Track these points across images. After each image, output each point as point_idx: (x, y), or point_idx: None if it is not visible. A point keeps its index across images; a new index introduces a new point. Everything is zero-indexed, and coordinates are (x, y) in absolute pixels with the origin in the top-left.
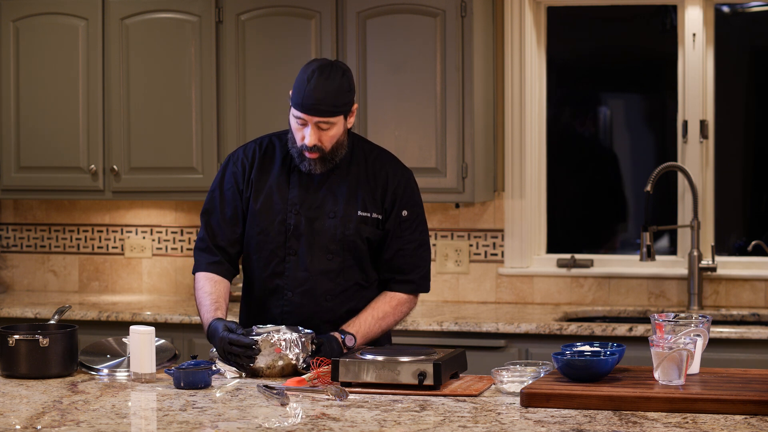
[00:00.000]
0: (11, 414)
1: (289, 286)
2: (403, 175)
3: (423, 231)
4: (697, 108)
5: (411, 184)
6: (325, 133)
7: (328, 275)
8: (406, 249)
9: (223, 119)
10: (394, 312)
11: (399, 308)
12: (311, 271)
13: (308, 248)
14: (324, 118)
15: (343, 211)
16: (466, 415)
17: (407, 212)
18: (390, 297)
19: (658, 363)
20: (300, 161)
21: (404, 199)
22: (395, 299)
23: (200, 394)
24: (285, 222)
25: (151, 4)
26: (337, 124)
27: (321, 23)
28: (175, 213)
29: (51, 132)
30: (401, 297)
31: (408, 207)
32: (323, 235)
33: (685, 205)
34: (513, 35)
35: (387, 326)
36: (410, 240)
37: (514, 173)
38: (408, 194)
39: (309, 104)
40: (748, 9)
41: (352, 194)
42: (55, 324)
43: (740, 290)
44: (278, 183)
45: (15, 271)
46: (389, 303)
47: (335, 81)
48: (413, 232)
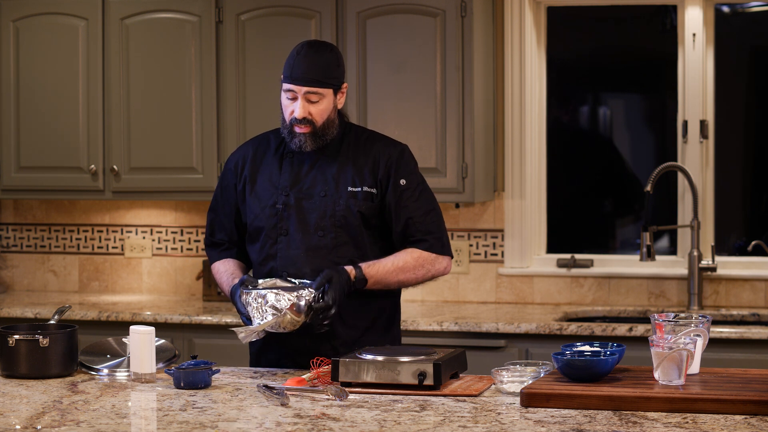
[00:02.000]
0: (11, 414)
1: (283, 266)
2: (396, 148)
3: (428, 199)
4: (697, 108)
5: (405, 156)
6: (314, 106)
7: (319, 252)
8: (415, 217)
9: (223, 119)
10: (415, 265)
11: (420, 263)
12: (302, 249)
13: (299, 226)
14: (313, 89)
15: (333, 189)
16: (466, 415)
17: (405, 181)
18: (411, 250)
19: (658, 363)
20: (291, 138)
21: (399, 169)
22: (416, 253)
23: (200, 394)
24: (275, 205)
25: (151, 4)
26: (326, 98)
27: (321, 23)
28: (175, 213)
29: (51, 132)
30: (423, 253)
31: (405, 176)
32: (313, 213)
33: (685, 205)
34: (513, 35)
35: (406, 279)
36: (416, 208)
37: (514, 173)
38: (403, 165)
39: (298, 75)
40: (748, 9)
41: (341, 172)
42: (55, 324)
43: (740, 290)
44: (270, 171)
45: (15, 271)
46: (411, 254)
47: (323, 54)
48: (417, 200)
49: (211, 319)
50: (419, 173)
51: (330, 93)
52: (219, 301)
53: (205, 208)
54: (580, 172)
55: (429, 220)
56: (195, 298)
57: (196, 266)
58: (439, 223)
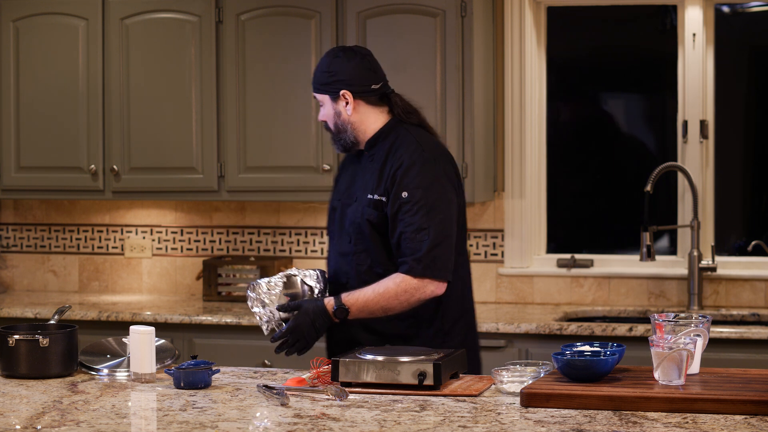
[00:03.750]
0: (11, 414)
1: (328, 267)
2: (410, 157)
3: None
4: (697, 108)
5: (417, 167)
6: (322, 110)
7: (345, 258)
8: (406, 233)
9: (223, 119)
10: (397, 292)
11: (403, 289)
12: (336, 252)
13: (337, 231)
14: (314, 93)
15: (361, 195)
16: (466, 415)
17: (407, 194)
18: (395, 276)
19: (658, 363)
20: None
21: (404, 180)
22: (399, 278)
23: (200, 394)
24: (331, 208)
25: (151, 4)
26: (325, 104)
27: (321, 23)
28: (175, 213)
29: (51, 132)
30: (405, 278)
31: (409, 189)
32: (346, 219)
33: (685, 205)
34: (513, 35)
35: (390, 306)
36: (410, 223)
37: (514, 173)
38: (411, 176)
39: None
40: (748, 9)
41: (369, 178)
42: (55, 324)
43: (740, 290)
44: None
45: (15, 271)
46: (393, 280)
47: (323, 60)
48: (414, 215)
49: (211, 319)
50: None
51: (327, 99)
52: (219, 301)
53: (205, 208)
54: (580, 172)
55: (419, 238)
56: (195, 298)
57: (196, 266)
58: (432, 243)
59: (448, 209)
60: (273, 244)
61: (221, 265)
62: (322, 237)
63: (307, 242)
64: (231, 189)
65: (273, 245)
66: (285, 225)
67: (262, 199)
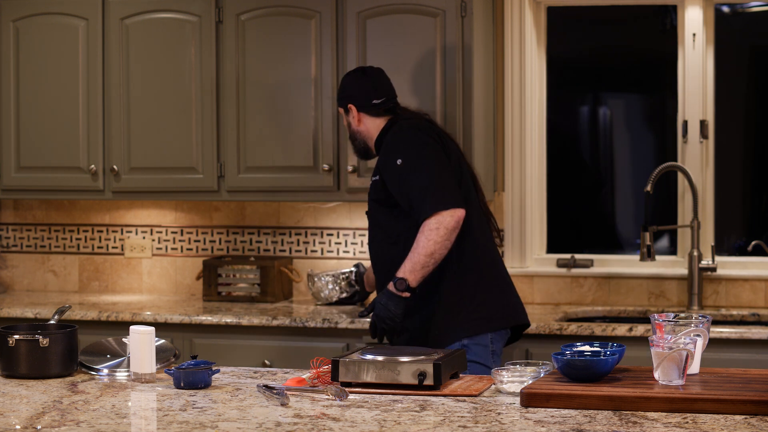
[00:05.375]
0: (11, 414)
1: None
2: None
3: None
4: (697, 108)
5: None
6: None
7: (370, 243)
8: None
9: (223, 119)
10: (425, 237)
11: (426, 232)
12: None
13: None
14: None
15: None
16: (466, 415)
17: (401, 160)
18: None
19: (658, 363)
20: None
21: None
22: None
23: (200, 394)
24: None
25: (151, 4)
26: (343, 115)
27: (321, 23)
28: (175, 213)
29: (51, 132)
30: (424, 222)
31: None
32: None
33: (685, 205)
34: (513, 35)
35: (429, 251)
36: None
37: (514, 173)
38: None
39: None
40: (748, 9)
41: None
42: (55, 324)
43: (740, 290)
44: None
45: (15, 271)
46: (420, 232)
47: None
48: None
49: (211, 319)
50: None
51: (342, 112)
52: (219, 301)
53: (204, 208)
54: (580, 171)
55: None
56: (195, 298)
57: (196, 266)
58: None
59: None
60: (273, 244)
61: (221, 265)
62: (322, 237)
63: (307, 242)
64: (231, 189)
65: (273, 245)
66: (285, 225)
67: (262, 199)
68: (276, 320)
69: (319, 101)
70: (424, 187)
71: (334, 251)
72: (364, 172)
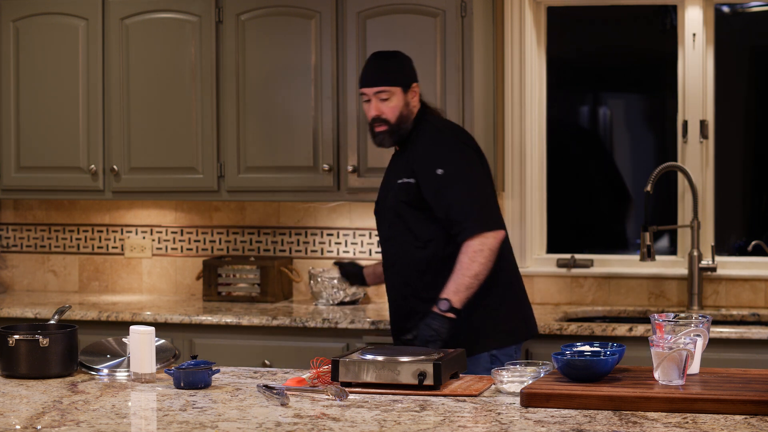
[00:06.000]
0: (11, 414)
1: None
2: (431, 137)
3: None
4: (697, 108)
5: (439, 145)
6: (385, 104)
7: (389, 241)
8: (453, 203)
9: (223, 119)
10: (469, 257)
11: (470, 253)
12: (382, 240)
13: (381, 220)
14: (380, 87)
15: (393, 182)
16: (466, 415)
17: (442, 170)
18: (461, 250)
19: (658, 363)
20: (373, 138)
21: (433, 159)
22: (464, 247)
23: (200, 394)
24: (377, 202)
25: (151, 4)
26: (395, 95)
27: (321, 23)
28: (175, 213)
29: (51, 132)
30: (468, 243)
31: (442, 165)
32: (386, 207)
33: (685, 205)
34: (513, 35)
35: (471, 271)
36: (454, 193)
37: (514, 173)
38: (438, 154)
39: (366, 78)
40: (748, 9)
41: (399, 165)
42: (55, 324)
43: (740, 290)
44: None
45: (15, 271)
46: (462, 252)
47: (387, 59)
48: (453, 187)
49: (211, 319)
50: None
51: (398, 91)
52: (219, 301)
53: (205, 208)
54: (580, 172)
55: (466, 203)
56: (195, 298)
57: (196, 266)
58: (474, 203)
59: (479, 171)
60: (273, 244)
61: (221, 265)
62: (322, 237)
63: (307, 242)
64: (231, 189)
65: (273, 245)
66: (285, 225)
67: (261, 199)
68: (276, 320)
69: (319, 101)
70: (466, 205)
71: (334, 251)
72: (364, 172)
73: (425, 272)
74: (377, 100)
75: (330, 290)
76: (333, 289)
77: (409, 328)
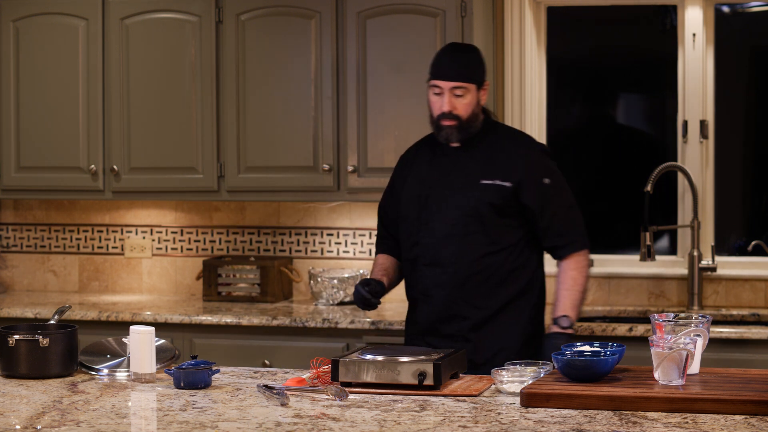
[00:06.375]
0: (11, 414)
1: (422, 253)
2: (534, 147)
3: (568, 196)
4: (697, 108)
5: (544, 156)
6: (459, 100)
7: (451, 240)
8: (559, 213)
9: (223, 119)
10: (580, 272)
11: (580, 268)
12: (438, 237)
13: (437, 217)
14: (457, 83)
15: (469, 181)
16: (466, 415)
17: (549, 180)
18: (567, 264)
19: (658, 363)
20: (438, 132)
21: (540, 168)
22: (572, 262)
23: (200, 394)
24: (419, 197)
25: (151, 4)
26: (470, 92)
27: (321, 23)
28: (175, 213)
29: (51, 132)
30: (579, 258)
31: (548, 175)
32: (450, 205)
33: (685, 205)
34: (513, 35)
35: (582, 287)
36: (560, 204)
37: None
38: (544, 164)
39: (444, 72)
40: (748, 9)
41: (478, 166)
42: (55, 324)
43: (740, 290)
44: (421, 166)
45: (15, 271)
46: (571, 268)
47: (466, 53)
48: (560, 197)
49: (211, 319)
50: (559, 172)
51: (473, 88)
52: (219, 301)
53: (205, 208)
54: (579, 172)
55: (571, 214)
56: (195, 298)
57: (196, 266)
58: (579, 216)
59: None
60: (273, 244)
61: (221, 265)
62: (322, 237)
63: (307, 242)
64: (231, 189)
65: (273, 245)
66: (285, 225)
67: (261, 199)
68: (276, 320)
69: (319, 101)
70: (570, 218)
71: (334, 251)
72: (364, 172)
73: (489, 279)
74: (451, 95)
75: (330, 290)
76: (333, 289)
77: (450, 333)
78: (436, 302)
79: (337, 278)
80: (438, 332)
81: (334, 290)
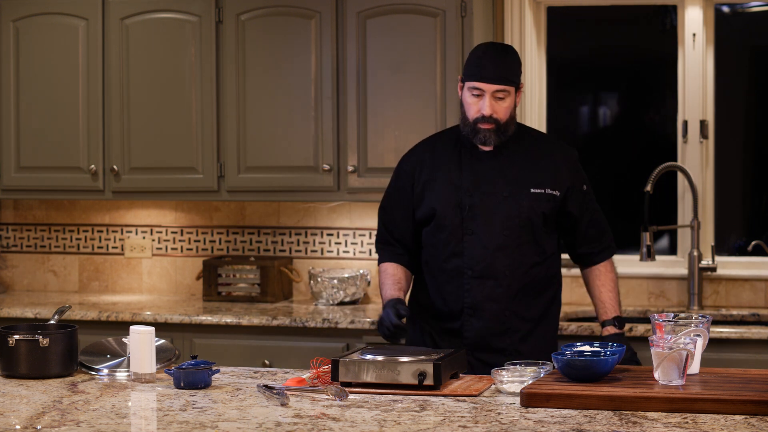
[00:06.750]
0: (11, 414)
1: (468, 264)
2: (571, 152)
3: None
4: (697, 108)
5: (576, 160)
6: (499, 103)
7: (505, 251)
8: (594, 218)
9: (223, 119)
10: (615, 274)
11: (615, 270)
12: (489, 248)
13: (485, 226)
14: (500, 86)
15: (515, 189)
16: (466, 415)
17: (586, 186)
18: (605, 267)
19: (658, 363)
20: (474, 135)
21: (580, 174)
22: (609, 264)
23: (200, 394)
24: (460, 204)
25: (151, 4)
26: (510, 95)
27: (321, 23)
28: (175, 213)
29: (51, 132)
30: (608, 263)
31: (585, 181)
32: (498, 213)
33: (685, 205)
34: (513, 35)
35: (618, 291)
36: (595, 209)
37: None
38: (580, 169)
39: (487, 74)
40: (748, 9)
41: (522, 173)
42: (55, 324)
43: (740, 290)
44: (449, 170)
45: (15, 271)
46: (609, 270)
47: (507, 54)
48: (594, 203)
49: (211, 319)
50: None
51: (512, 91)
52: (219, 301)
53: (205, 208)
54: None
55: (603, 219)
56: (195, 298)
57: (196, 266)
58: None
59: None
60: (273, 244)
61: (221, 265)
62: (322, 237)
63: (307, 242)
64: (231, 189)
65: (273, 245)
66: (285, 225)
67: (261, 199)
68: (276, 320)
69: (319, 101)
70: (604, 223)
71: (334, 251)
72: (364, 172)
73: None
74: (493, 98)
75: (330, 290)
76: (333, 289)
77: (501, 347)
78: (488, 316)
79: (337, 278)
80: (489, 347)
81: (334, 290)
